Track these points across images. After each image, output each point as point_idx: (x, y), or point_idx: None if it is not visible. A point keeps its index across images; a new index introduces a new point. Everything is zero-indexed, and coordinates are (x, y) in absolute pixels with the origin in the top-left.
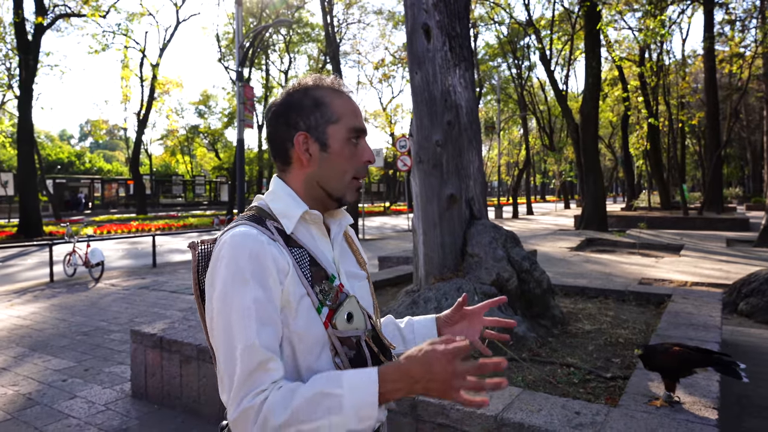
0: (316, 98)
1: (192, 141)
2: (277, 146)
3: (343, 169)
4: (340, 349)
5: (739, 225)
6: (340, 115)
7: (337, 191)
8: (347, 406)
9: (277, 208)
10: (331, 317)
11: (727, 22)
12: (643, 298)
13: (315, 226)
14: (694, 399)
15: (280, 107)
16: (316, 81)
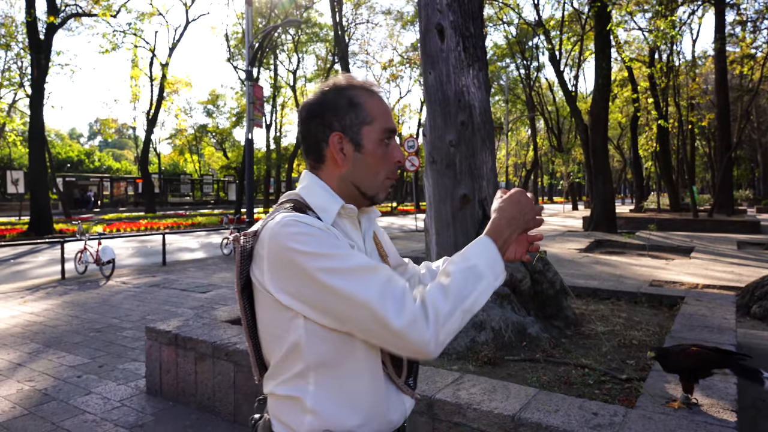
0: (350, 98)
1: (200, 140)
2: (310, 144)
3: (377, 170)
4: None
5: (750, 227)
6: (374, 116)
7: (370, 190)
8: (484, 270)
9: (315, 202)
10: None
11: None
12: (655, 300)
13: (349, 221)
14: (712, 401)
15: (315, 106)
16: (349, 80)
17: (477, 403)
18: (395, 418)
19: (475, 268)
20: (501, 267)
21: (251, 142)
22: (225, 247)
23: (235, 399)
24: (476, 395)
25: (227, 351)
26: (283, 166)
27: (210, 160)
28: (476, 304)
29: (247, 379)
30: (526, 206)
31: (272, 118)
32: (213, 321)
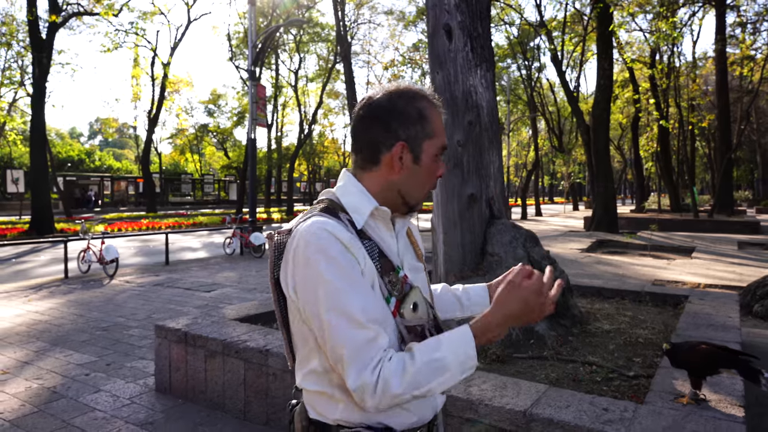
0: (420, 110)
1: (201, 140)
2: (367, 146)
3: (425, 182)
4: (407, 336)
5: (750, 228)
6: (436, 132)
7: (413, 200)
8: (450, 365)
9: (349, 203)
10: (398, 307)
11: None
12: (659, 299)
13: (382, 222)
14: (719, 397)
15: (382, 111)
16: (415, 90)
17: (488, 399)
18: (426, 415)
19: (443, 361)
20: (471, 363)
21: (254, 142)
22: (227, 246)
23: (245, 396)
24: (487, 391)
25: (237, 349)
26: (284, 166)
27: (211, 160)
28: (430, 392)
29: (257, 377)
30: (532, 305)
31: (273, 118)
32: (222, 319)
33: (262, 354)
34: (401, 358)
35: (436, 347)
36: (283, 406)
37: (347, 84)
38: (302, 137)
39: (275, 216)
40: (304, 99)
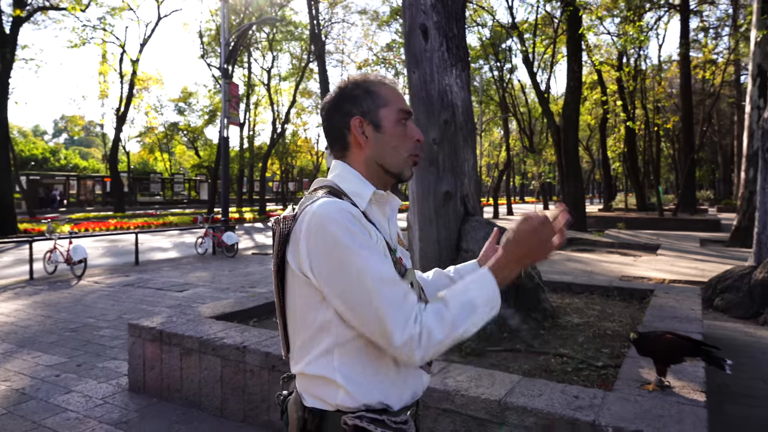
0: (365, 88)
1: (171, 138)
2: (334, 135)
3: (397, 147)
4: None
5: (711, 226)
6: (389, 100)
7: (394, 167)
8: (479, 303)
9: (349, 188)
10: None
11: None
12: (626, 294)
13: (378, 206)
14: (683, 383)
15: (334, 100)
16: (363, 76)
17: (464, 390)
18: (417, 391)
19: (473, 301)
20: (497, 301)
21: (227, 141)
22: (199, 246)
23: (222, 394)
24: (463, 383)
25: (214, 346)
26: (257, 166)
27: (181, 159)
28: (467, 333)
29: (234, 374)
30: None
31: (246, 117)
32: (197, 317)
33: (239, 351)
34: (436, 307)
35: (464, 290)
36: (260, 403)
37: (321, 83)
38: (275, 136)
39: (247, 216)
40: (277, 98)
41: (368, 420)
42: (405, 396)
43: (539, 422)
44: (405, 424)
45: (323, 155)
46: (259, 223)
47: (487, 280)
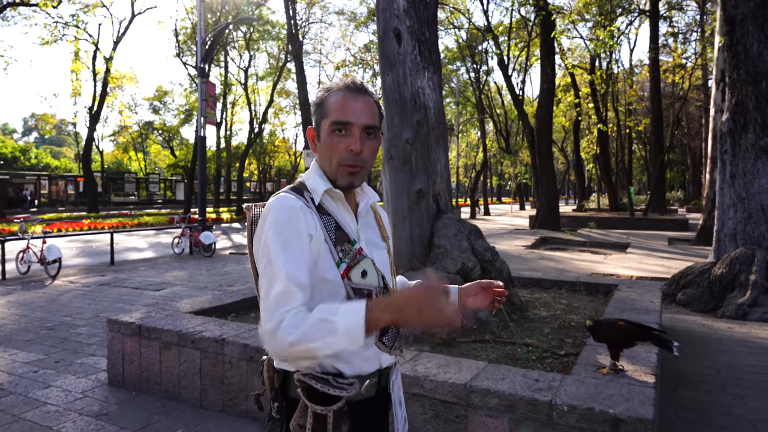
0: (321, 98)
1: (146, 138)
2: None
3: (329, 156)
4: (353, 296)
5: (679, 225)
6: (329, 111)
7: (329, 174)
8: (340, 329)
9: (309, 184)
10: (348, 271)
11: (671, 34)
12: (592, 288)
13: (339, 202)
14: (635, 367)
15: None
16: (330, 84)
17: (433, 375)
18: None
19: (333, 324)
20: (359, 337)
21: (204, 140)
22: (176, 246)
23: (201, 385)
24: (432, 369)
25: (193, 339)
26: (234, 165)
27: (156, 159)
28: (320, 350)
29: (213, 365)
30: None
31: (222, 116)
32: (176, 312)
33: (218, 343)
34: (303, 314)
35: (334, 312)
36: (239, 393)
37: (299, 83)
38: (252, 136)
39: (225, 216)
40: (255, 97)
41: (315, 378)
42: (359, 367)
43: (502, 403)
44: (350, 385)
45: (301, 155)
46: (236, 224)
47: (357, 313)
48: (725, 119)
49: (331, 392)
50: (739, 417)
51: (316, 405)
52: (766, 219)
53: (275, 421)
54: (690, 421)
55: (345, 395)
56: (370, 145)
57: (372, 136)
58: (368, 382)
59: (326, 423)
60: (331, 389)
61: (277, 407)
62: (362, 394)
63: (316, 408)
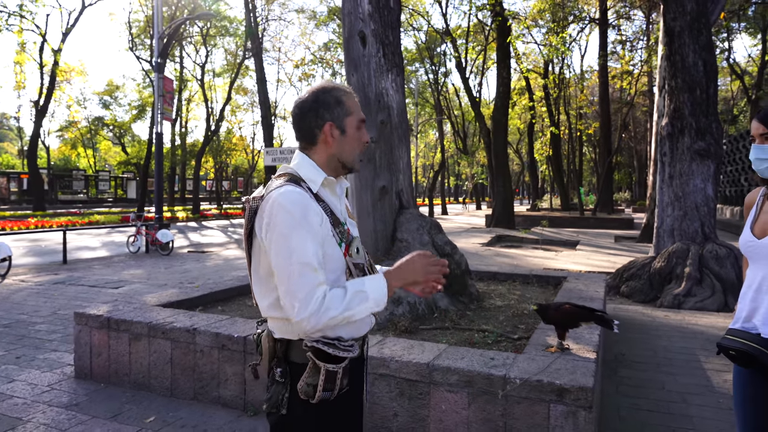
0: (336, 97)
1: (96, 133)
2: (305, 132)
3: (354, 148)
4: (354, 271)
5: (625, 224)
6: (353, 110)
7: (350, 163)
8: (370, 297)
9: (305, 175)
10: (347, 250)
11: (619, 42)
12: (543, 281)
13: (329, 189)
14: (579, 346)
15: (312, 103)
16: (333, 85)
17: (398, 357)
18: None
19: (366, 294)
20: (384, 300)
21: (160, 136)
22: (131, 245)
23: (172, 374)
24: (398, 351)
25: (164, 329)
26: (189, 164)
27: (107, 156)
28: (356, 316)
29: (184, 355)
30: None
31: (178, 113)
32: (144, 305)
33: (189, 333)
34: (337, 291)
35: (362, 284)
36: (210, 380)
37: (258, 81)
38: (209, 134)
39: (180, 215)
40: (211, 94)
41: (323, 343)
42: (354, 333)
43: (461, 379)
44: (351, 347)
45: (260, 153)
46: (192, 222)
47: (380, 281)
48: (664, 124)
49: (341, 354)
50: (670, 391)
51: (328, 364)
52: (699, 216)
53: (279, 384)
54: (628, 396)
55: (350, 355)
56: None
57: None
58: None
59: (336, 378)
60: (340, 352)
61: (280, 372)
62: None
63: (329, 366)
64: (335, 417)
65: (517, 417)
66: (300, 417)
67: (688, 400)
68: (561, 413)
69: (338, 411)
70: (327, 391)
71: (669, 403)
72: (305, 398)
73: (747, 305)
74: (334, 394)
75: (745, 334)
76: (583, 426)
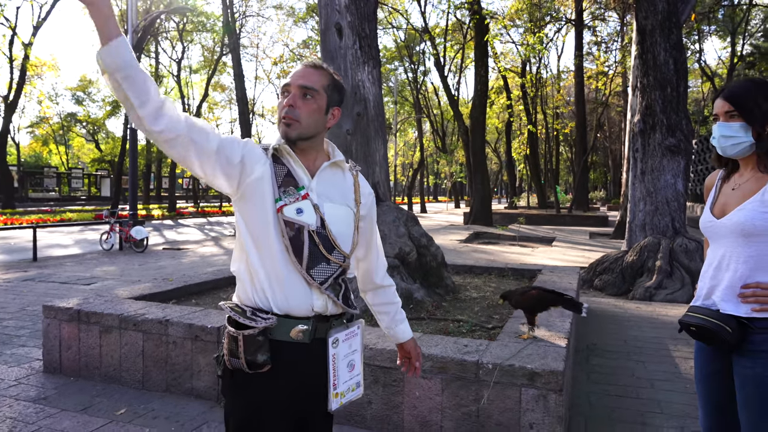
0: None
1: (68, 130)
2: None
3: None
4: (284, 228)
5: (600, 221)
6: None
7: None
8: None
9: (269, 142)
10: (283, 208)
11: (594, 43)
12: (519, 274)
13: (289, 155)
14: (551, 333)
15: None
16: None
17: (373, 344)
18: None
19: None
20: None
21: (135, 132)
22: (104, 242)
23: (143, 367)
24: (372, 339)
25: (135, 321)
26: (165, 161)
27: (80, 153)
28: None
29: (156, 347)
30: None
31: None
32: (115, 298)
33: (161, 324)
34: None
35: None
36: (183, 372)
37: (236, 77)
38: None
39: (156, 213)
40: (188, 90)
41: (233, 310)
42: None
43: (435, 365)
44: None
45: None
46: (169, 221)
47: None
48: (636, 120)
49: (240, 320)
50: (640, 378)
51: (230, 327)
52: (670, 211)
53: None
54: (599, 383)
55: (254, 326)
56: (308, 104)
57: (309, 98)
58: (299, 327)
59: (237, 344)
60: (241, 318)
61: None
62: (291, 337)
63: (230, 329)
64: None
65: (489, 401)
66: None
67: (656, 386)
68: (532, 397)
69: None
70: (234, 358)
71: (638, 389)
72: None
73: (707, 283)
74: (241, 363)
75: (705, 310)
76: (553, 408)
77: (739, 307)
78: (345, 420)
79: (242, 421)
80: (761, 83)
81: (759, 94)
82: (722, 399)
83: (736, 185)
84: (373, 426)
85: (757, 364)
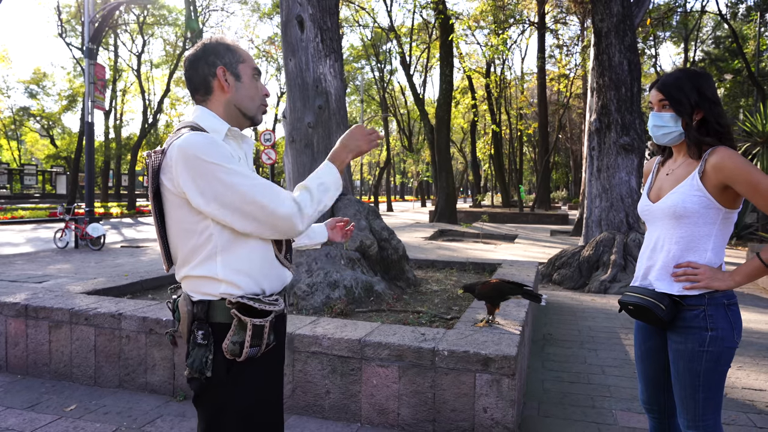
0: (226, 45)
1: (21, 125)
2: (198, 81)
3: (252, 96)
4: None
5: (561, 220)
6: (245, 58)
7: (250, 111)
8: (330, 186)
9: (207, 125)
10: None
11: (557, 46)
12: (480, 267)
13: (234, 141)
14: (507, 321)
15: (200, 52)
16: (222, 37)
17: (331, 334)
18: (284, 281)
19: (325, 184)
20: (340, 181)
21: (92, 126)
22: (59, 240)
23: (95, 362)
24: (330, 329)
25: (87, 316)
26: (125, 158)
27: (33, 149)
28: (326, 206)
29: (109, 341)
30: (356, 135)
31: (112, 105)
32: (66, 293)
33: (114, 318)
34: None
35: (318, 177)
36: (137, 366)
37: None
38: (146, 127)
39: (114, 211)
40: (149, 86)
41: (248, 299)
42: (274, 285)
43: (392, 354)
44: (276, 301)
45: None
46: (128, 219)
47: (331, 168)
48: (593, 119)
49: (267, 308)
50: (592, 365)
51: (254, 318)
52: (624, 207)
53: (202, 347)
54: (553, 370)
55: (275, 309)
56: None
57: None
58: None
59: (263, 333)
60: (266, 306)
61: (202, 334)
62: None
63: (255, 321)
64: (261, 374)
65: (445, 387)
66: (224, 378)
67: (606, 372)
68: (486, 381)
69: (264, 368)
70: (254, 347)
71: (589, 374)
72: (231, 358)
73: (644, 263)
74: (261, 350)
75: (642, 289)
76: (506, 392)
77: (672, 285)
78: (303, 410)
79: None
80: (692, 74)
81: (688, 85)
82: (659, 374)
83: (670, 170)
84: (331, 416)
85: (688, 339)
